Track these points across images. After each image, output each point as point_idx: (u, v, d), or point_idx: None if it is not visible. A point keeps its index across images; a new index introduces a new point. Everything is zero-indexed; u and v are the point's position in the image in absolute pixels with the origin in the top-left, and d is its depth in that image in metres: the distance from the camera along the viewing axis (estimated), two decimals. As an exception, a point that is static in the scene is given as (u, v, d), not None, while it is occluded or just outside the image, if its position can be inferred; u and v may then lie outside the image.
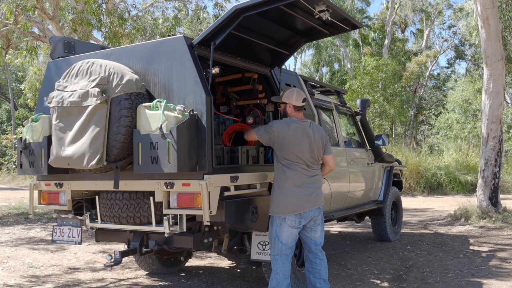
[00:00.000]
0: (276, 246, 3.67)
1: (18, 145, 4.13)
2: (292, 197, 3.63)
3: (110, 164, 3.50)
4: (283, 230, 3.64)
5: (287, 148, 3.66)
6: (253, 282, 4.81)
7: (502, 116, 9.20)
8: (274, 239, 3.68)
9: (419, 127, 32.47)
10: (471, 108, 23.25)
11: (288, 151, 3.66)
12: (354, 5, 29.19)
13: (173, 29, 14.05)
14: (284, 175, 3.67)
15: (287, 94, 3.83)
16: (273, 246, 3.69)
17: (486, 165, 8.90)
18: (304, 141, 3.69)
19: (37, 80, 13.90)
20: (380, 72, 21.24)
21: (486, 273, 5.10)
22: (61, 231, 4.22)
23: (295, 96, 3.80)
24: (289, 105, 3.81)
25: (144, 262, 5.10)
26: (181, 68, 3.54)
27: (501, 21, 14.58)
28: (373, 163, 6.51)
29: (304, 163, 3.68)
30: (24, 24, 11.71)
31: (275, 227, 3.67)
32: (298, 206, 3.63)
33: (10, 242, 7.30)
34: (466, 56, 32.80)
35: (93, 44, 4.80)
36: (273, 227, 3.69)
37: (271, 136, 3.70)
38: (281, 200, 3.64)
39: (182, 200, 3.48)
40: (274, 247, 3.68)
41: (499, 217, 8.45)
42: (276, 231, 3.66)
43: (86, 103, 3.49)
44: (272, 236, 3.70)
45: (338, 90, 6.52)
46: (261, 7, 3.44)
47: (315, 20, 3.92)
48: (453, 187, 15.42)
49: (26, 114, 28.91)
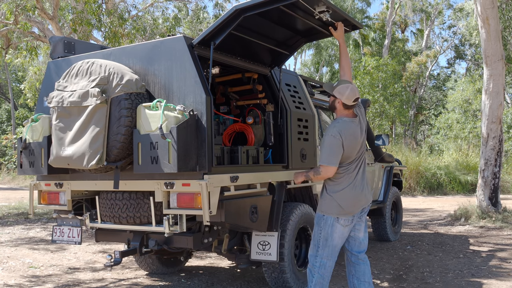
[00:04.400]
0: (326, 248, 3.41)
1: (18, 145, 4.13)
2: (349, 198, 3.41)
3: (110, 164, 3.50)
4: (336, 231, 3.40)
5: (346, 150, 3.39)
6: (253, 282, 4.81)
7: (502, 116, 9.20)
8: (325, 240, 3.41)
9: (419, 127, 32.47)
10: (471, 108, 23.26)
11: (346, 153, 3.39)
12: (354, 5, 29.19)
13: (173, 29, 14.05)
14: (339, 175, 3.42)
15: (340, 88, 3.46)
16: (322, 247, 3.42)
17: (486, 165, 8.90)
18: (358, 139, 3.45)
19: (37, 80, 13.90)
20: (380, 72, 21.25)
21: (486, 273, 5.10)
22: (61, 231, 4.22)
23: (348, 93, 3.43)
24: (338, 100, 3.47)
25: (144, 262, 5.10)
26: (181, 68, 3.54)
27: (501, 21, 14.59)
28: (373, 163, 6.51)
29: (356, 161, 3.47)
30: (24, 24, 11.71)
31: (326, 228, 3.41)
32: (354, 206, 3.43)
33: (10, 242, 7.30)
34: (466, 56, 32.81)
35: (93, 44, 4.80)
36: (323, 228, 3.42)
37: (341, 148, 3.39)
38: (340, 201, 3.39)
39: (182, 200, 3.48)
40: (325, 248, 3.41)
41: (499, 217, 8.45)
42: (328, 232, 3.40)
43: (86, 103, 3.49)
44: (321, 237, 3.43)
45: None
46: (261, 7, 3.43)
47: (315, 21, 3.92)
48: (453, 187, 15.42)
49: (26, 114, 28.89)
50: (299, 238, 4.60)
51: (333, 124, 3.47)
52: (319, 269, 3.43)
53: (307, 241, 4.68)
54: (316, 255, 3.45)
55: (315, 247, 3.47)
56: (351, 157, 3.43)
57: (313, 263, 3.47)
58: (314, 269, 3.45)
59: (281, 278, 4.23)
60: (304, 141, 4.67)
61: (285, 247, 4.17)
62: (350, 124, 3.44)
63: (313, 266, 3.46)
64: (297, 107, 4.63)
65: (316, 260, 3.45)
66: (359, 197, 3.46)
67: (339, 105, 3.47)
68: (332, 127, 3.43)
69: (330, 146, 3.36)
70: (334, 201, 3.41)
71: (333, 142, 3.35)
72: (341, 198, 3.41)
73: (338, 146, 3.35)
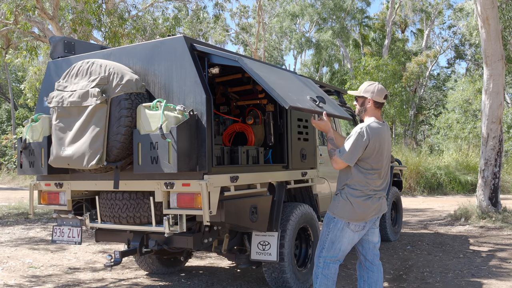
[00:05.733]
0: (332, 250, 3.33)
1: (18, 145, 4.13)
2: (367, 206, 3.30)
3: (110, 164, 3.50)
4: (345, 235, 3.32)
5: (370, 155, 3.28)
6: (253, 282, 4.81)
7: (502, 116, 9.20)
8: (331, 242, 3.33)
9: (419, 127, 32.48)
10: (471, 108, 23.24)
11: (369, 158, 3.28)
12: (354, 5, 29.17)
13: (173, 29, 14.04)
14: (359, 181, 3.30)
15: (367, 87, 3.37)
16: (327, 249, 3.34)
17: (486, 165, 8.90)
18: (385, 147, 3.33)
19: (37, 80, 13.90)
20: (380, 72, 21.26)
21: (486, 273, 5.10)
22: (61, 231, 4.22)
23: (377, 89, 3.33)
24: (369, 99, 3.35)
25: (144, 262, 5.10)
26: (181, 68, 3.54)
27: (501, 21, 14.58)
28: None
29: (381, 170, 3.34)
30: (24, 24, 11.71)
31: (335, 231, 3.32)
32: (369, 214, 3.33)
33: (10, 242, 7.30)
34: (466, 56, 32.81)
35: (93, 44, 4.80)
36: (332, 231, 3.33)
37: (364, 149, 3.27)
38: (357, 208, 3.28)
39: (182, 200, 3.47)
40: (330, 251, 3.34)
41: (499, 217, 8.45)
42: (337, 235, 3.32)
43: (86, 103, 3.49)
44: (327, 239, 3.35)
45: (338, 90, 6.52)
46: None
47: None
48: (453, 187, 15.42)
49: (26, 114, 28.90)
50: (299, 238, 4.60)
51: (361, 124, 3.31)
52: (323, 269, 3.35)
53: (307, 241, 4.68)
54: (320, 256, 3.38)
55: (320, 247, 3.39)
56: (379, 162, 3.30)
57: (317, 263, 3.39)
58: (317, 270, 3.38)
59: (281, 278, 4.23)
60: (304, 141, 4.67)
61: (285, 247, 4.17)
62: (381, 127, 3.32)
63: (317, 266, 3.39)
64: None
65: (319, 260, 3.38)
66: (377, 206, 3.36)
67: (370, 104, 3.36)
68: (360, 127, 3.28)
69: (355, 144, 3.23)
70: (350, 205, 3.29)
71: (359, 141, 3.22)
72: (359, 206, 3.29)
73: (362, 146, 3.23)
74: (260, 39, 27.22)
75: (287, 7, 29.67)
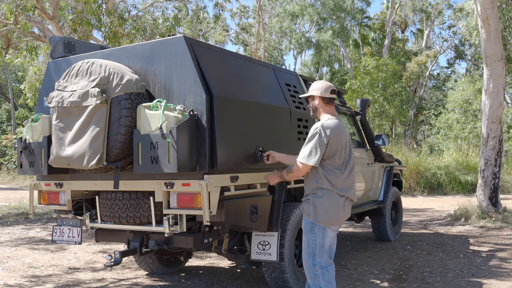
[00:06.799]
0: (324, 254, 3.29)
1: (18, 145, 4.13)
2: (341, 207, 3.30)
3: (110, 164, 3.50)
4: (327, 236, 3.31)
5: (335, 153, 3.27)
6: (253, 282, 4.81)
7: (502, 116, 9.20)
8: (321, 247, 3.28)
9: (419, 127, 32.49)
10: (471, 108, 23.26)
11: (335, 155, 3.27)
12: (354, 5, 29.18)
13: (173, 29, 14.05)
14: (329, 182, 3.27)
15: (313, 85, 3.44)
16: (320, 255, 3.27)
17: (486, 165, 8.90)
18: (346, 141, 3.32)
19: (37, 80, 13.89)
20: (380, 72, 21.25)
21: (486, 273, 5.10)
22: (61, 231, 4.22)
23: (321, 86, 3.39)
24: (315, 97, 3.42)
25: (144, 262, 5.10)
26: (181, 68, 3.54)
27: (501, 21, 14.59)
28: (373, 163, 6.51)
29: (349, 165, 3.35)
30: (24, 24, 11.71)
31: (321, 236, 3.28)
32: (344, 216, 3.36)
33: (10, 242, 7.30)
34: (466, 56, 32.83)
35: (93, 44, 4.80)
36: (319, 237, 3.28)
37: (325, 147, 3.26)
38: (331, 211, 3.27)
39: (182, 200, 3.47)
40: (322, 255, 3.28)
41: (499, 217, 8.45)
42: (323, 237, 3.29)
43: (86, 103, 3.49)
44: (317, 244, 3.28)
45: (338, 90, 6.52)
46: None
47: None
48: (453, 187, 15.42)
49: (26, 114, 28.91)
50: (299, 238, 4.59)
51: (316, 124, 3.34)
52: (324, 276, 3.25)
53: (307, 241, 4.68)
54: (315, 264, 3.27)
55: (311, 255, 3.28)
56: (345, 158, 3.30)
57: (314, 273, 3.27)
58: (318, 278, 3.26)
59: (281, 278, 4.23)
60: (304, 141, 4.66)
61: (285, 247, 4.17)
62: (337, 121, 3.33)
63: (316, 276, 3.26)
64: (297, 107, 4.63)
65: (315, 269, 3.27)
66: (348, 204, 3.38)
67: (319, 101, 3.40)
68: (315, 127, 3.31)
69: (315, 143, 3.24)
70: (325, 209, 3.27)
71: (318, 140, 3.23)
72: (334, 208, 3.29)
73: (322, 145, 3.22)
74: (260, 39, 27.23)
75: (287, 7, 29.66)
